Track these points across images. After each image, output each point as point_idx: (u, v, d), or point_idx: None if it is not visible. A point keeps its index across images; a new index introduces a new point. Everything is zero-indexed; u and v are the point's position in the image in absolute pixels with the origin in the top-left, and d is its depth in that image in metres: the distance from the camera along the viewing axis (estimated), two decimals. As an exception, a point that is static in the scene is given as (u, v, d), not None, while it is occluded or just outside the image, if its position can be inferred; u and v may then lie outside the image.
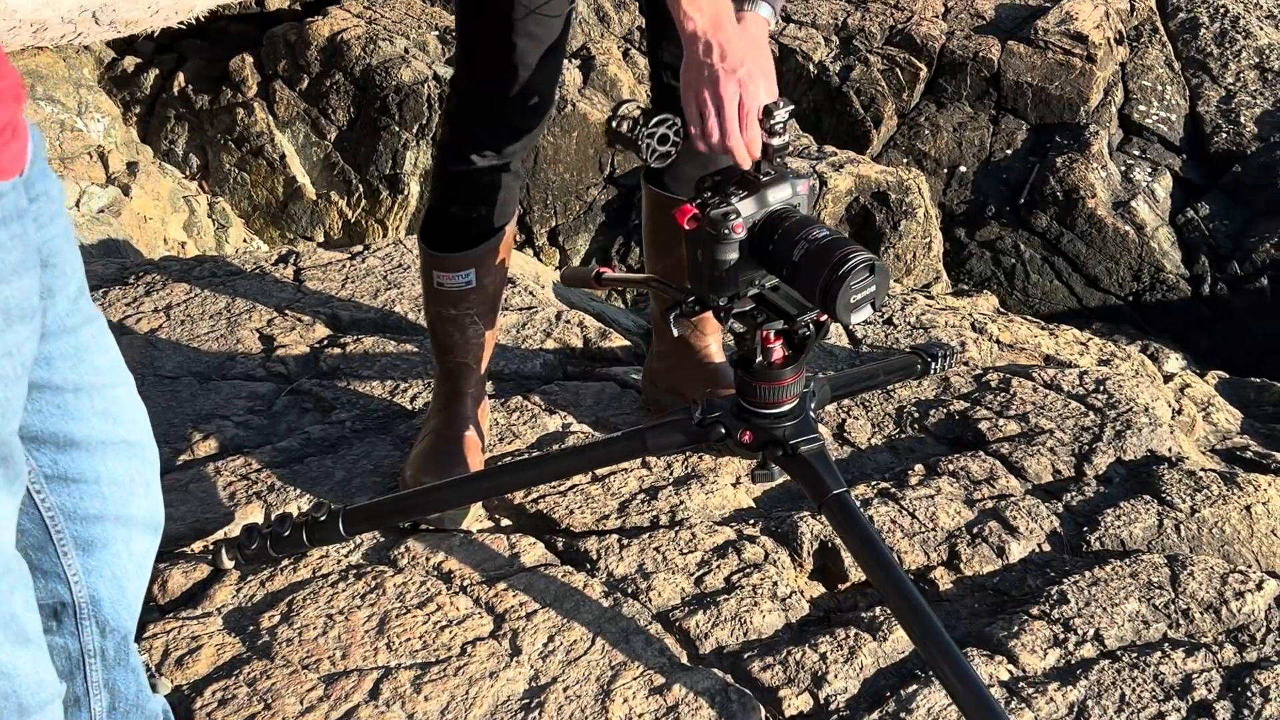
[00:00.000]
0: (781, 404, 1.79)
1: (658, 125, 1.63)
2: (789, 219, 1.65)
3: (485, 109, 1.98)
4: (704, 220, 1.65)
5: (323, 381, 2.53)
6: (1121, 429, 2.35)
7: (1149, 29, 5.97)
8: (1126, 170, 5.32)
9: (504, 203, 2.07)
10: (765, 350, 1.76)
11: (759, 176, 1.67)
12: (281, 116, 5.34)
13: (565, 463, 2.03)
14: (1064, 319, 4.96)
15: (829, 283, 1.57)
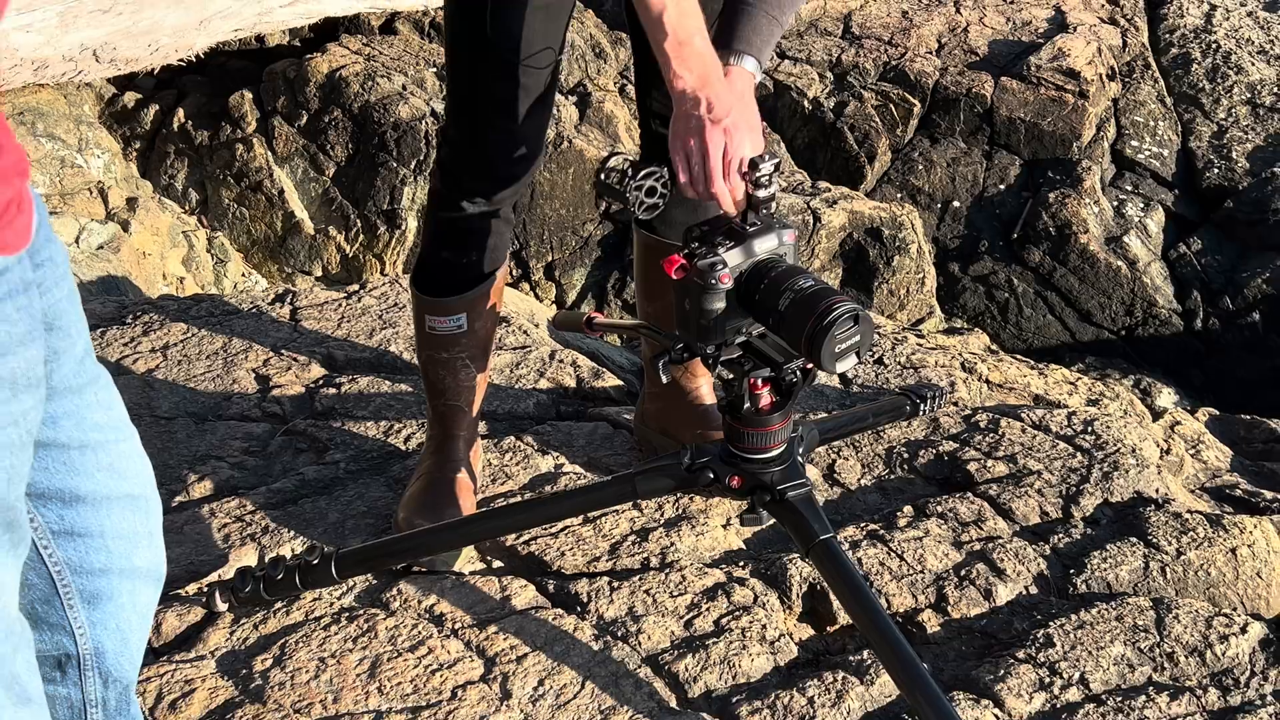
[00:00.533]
0: (769, 450, 1.81)
1: (645, 178, 1.66)
2: (775, 269, 1.68)
3: (475, 158, 2.01)
4: (691, 270, 1.67)
5: (317, 422, 2.55)
6: (1109, 470, 2.37)
7: (1141, 65, 6.01)
8: (1119, 205, 5.35)
9: (495, 248, 2.10)
10: (753, 397, 1.78)
11: (745, 227, 1.69)
12: (280, 152, 5.38)
13: (556, 507, 2.04)
14: (1057, 353, 4.99)
15: (814, 332, 1.60)
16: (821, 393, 2.72)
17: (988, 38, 5.98)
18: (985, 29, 6.06)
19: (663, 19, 1.67)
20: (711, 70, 1.71)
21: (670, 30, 1.67)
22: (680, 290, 1.70)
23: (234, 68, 5.83)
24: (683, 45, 1.69)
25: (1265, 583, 2.12)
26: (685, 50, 1.69)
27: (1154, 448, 2.62)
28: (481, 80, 1.94)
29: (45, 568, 1.24)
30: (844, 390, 2.75)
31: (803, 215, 4.65)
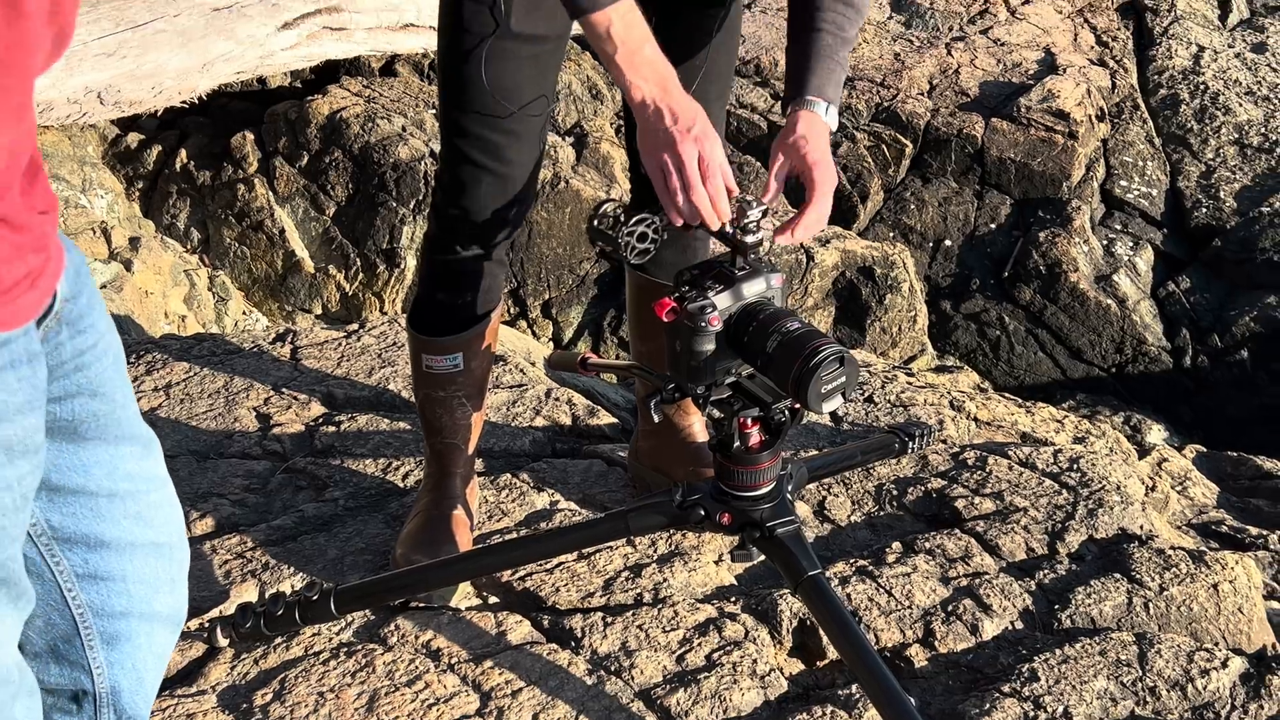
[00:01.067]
0: (759, 487, 1.85)
1: (637, 224, 1.70)
2: (763, 311, 1.72)
3: (469, 205, 2.05)
4: (682, 313, 1.71)
5: (317, 460, 2.58)
6: (1094, 507, 2.40)
7: (1130, 106, 6.09)
8: (1108, 244, 5.41)
9: (489, 289, 2.14)
10: (742, 435, 1.82)
11: (735, 271, 1.74)
12: (281, 192, 5.44)
13: (551, 543, 2.08)
14: (1048, 390, 5.03)
15: (801, 374, 1.64)
16: (812, 430, 2.76)
17: (979, 79, 6.05)
18: (976, 70, 6.15)
19: (610, 32, 1.68)
20: (668, 77, 1.72)
21: (618, 42, 1.69)
22: (671, 332, 1.74)
23: (236, 109, 5.90)
24: (634, 54, 1.70)
25: (1246, 618, 2.15)
26: (637, 59, 1.71)
27: (1139, 485, 2.65)
28: (474, 129, 1.99)
29: (69, 609, 1.28)
30: (834, 428, 2.79)
31: (796, 254, 4.71)
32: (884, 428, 2.70)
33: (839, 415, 2.76)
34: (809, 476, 2.15)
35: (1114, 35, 6.76)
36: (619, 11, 1.68)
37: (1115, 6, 7.12)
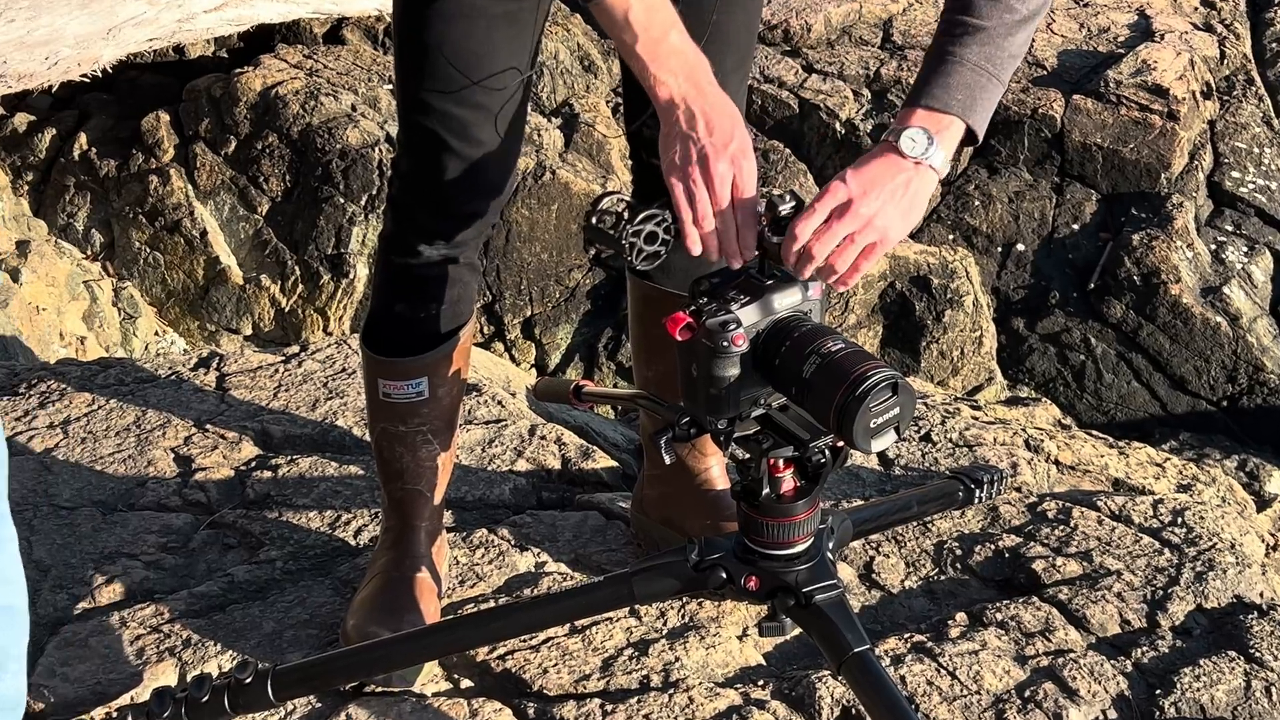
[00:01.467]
0: (793, 544, 1.86)
1: (644, 221, 1.72)
2: (798, 329, 1.73)
3: (430, 193, 2.06)
4: (699, 330, 1.73)
5: (249, 512, 2.60)
6: (1203, 570, 2.42)
7: (1243, 80, 6.13)
8: (1217, 249, 5.44)
9: (459, 300, 2.16)
10: (773, 481, 1.83)
11: (763, 279, 1.75)
12: (203, 186, 5.47)
13: (537, 613, 2.09)
14: (1144, 428, 5.05)
15: (845, 404, 1.65)
16: (857, 476, 2.77)
17: (1057, 47, 6.09)
18: (1054, 37, 6.19)
19: (629, 18, 1.70)
20: (699, 70, 1.74)
21: (640, 29, 1.71)
22: (686, 354, 1.75)
23: (148, 84, 5.94)
24: (658, 43, 1.72)
25: (1391, 705, 2.16)
26: (662, 49, 1.72)
27: (1258, 543, 2.67)
28: (434, 103, 2.00)
29: None
30: (884, 473, 2.80)
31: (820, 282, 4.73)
32: (945, 473, 2.71)
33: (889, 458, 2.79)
34: (854, 531, 2.16)
35: (1222, -7, 6.81)
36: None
37: (1224, -41, 7.18)
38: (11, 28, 4.72)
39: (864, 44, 6.12)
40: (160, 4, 5.04)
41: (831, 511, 2.04)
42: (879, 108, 5.74)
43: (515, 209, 5.07)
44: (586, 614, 2.15)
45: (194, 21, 5.23)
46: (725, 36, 2.09)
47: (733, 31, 2.11)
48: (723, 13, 2.08)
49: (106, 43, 5.02)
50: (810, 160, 5.66)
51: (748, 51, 2.20)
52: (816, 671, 2.15)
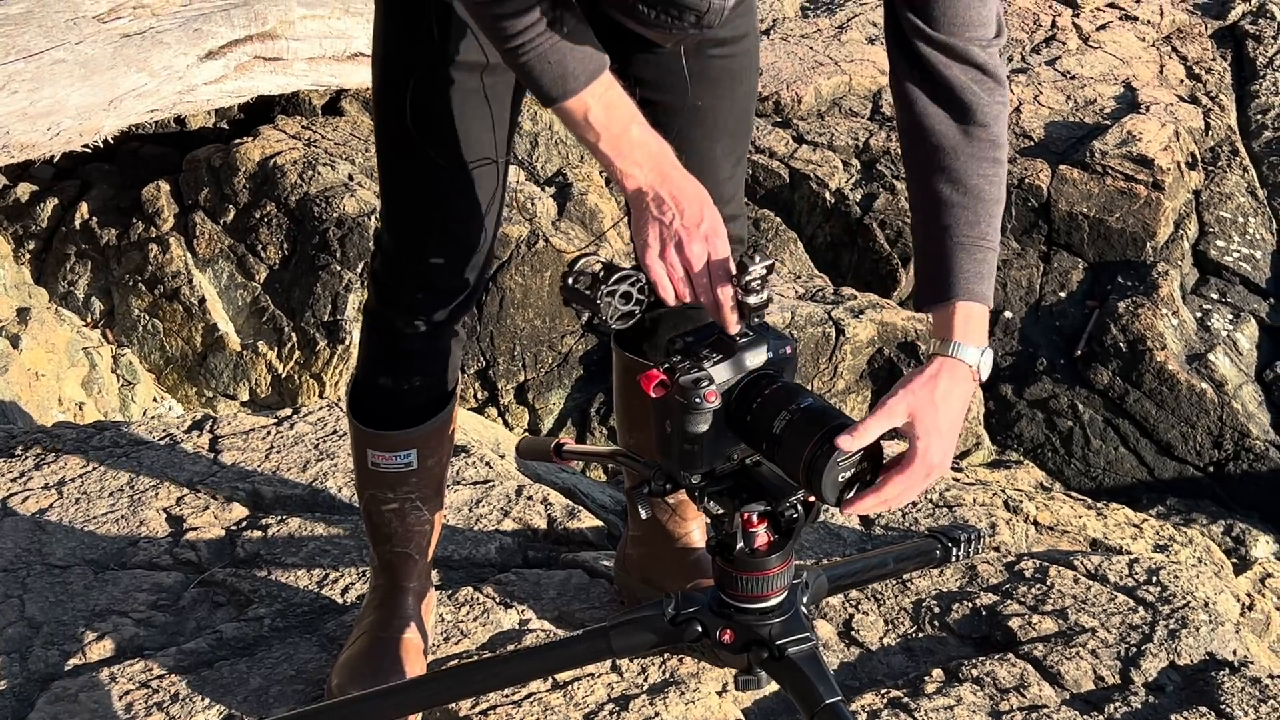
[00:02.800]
0: (767, 598, 1.90)
1: (619, 282, 1.76)
2: (770, 386, 1.77)
3: (412, 270, 2.08)
4: (673, 387, 1.77)
5: (239, 571, 2.63)
6: (1176, 628, 2.45)
7: (1228, 151, 6.21)
8: (1203, 317, 5.49)
9: (443, 372, 2.19)
10: (747, 535, 1.87)
11: (735, 338, 1.79)
12: (202, 254, 5.53)
13: (518, 667, 2.12)
14: (1131, 493, 5.08)
15: (814, 458, 1.69)
16: (838, 535, 2.81)
17: (1044, 119, 6.17)
18: (1041, 108, 6.27)
19: (589, 119, 1.74)
20: (663, 158, 1.78)
21: (601, 128, 1.75)
22: (661, 410, 1.79)
23: (148, 154, 6.01)
24: (619, 138, 1.75)
25: (1360, 759, 2.19)
26: (624, 143, 1.76)
27: (1233, 602, 2.70)
28: (417, 178, 2.03)
29: None
30: (865, 533, 2.84)
31: (823, 327, 4.79)
32: (923, 532, 2.74)
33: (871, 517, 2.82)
34: (830, 587, 2.19)
35: (1208, 67, 6.90)
36: (595, 94, 1.73)
37: (1210, 33, 7.28)
38: (14, 99, 4.79)
39: (853, 115, 6.20)
40: (161, 76, 5.11)
41: (806, 567, 2.08)
42: (868, 177, 5.81)
43: (509, 275, 5.13)
44: (566, 667, 2.18)
45: (194, 93, 5.30)
46: (713, 122, 2.11)
47: (720, 116, 2.11)
48: (709, 99, 2.08)
49: (108, 114, 5.09)
50: (800, 229, 5.72)
51: (741, 135, 2.19)
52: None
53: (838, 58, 6.56)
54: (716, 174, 2.08)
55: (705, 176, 1.90)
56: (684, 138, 1.99)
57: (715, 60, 2.06)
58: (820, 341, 4.75)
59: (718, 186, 2.02)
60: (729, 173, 2.15)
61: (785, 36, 6.83)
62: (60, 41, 4.89)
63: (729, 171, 2.15)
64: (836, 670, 2.38)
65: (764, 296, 1.79)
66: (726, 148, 2.14)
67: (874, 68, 6.48)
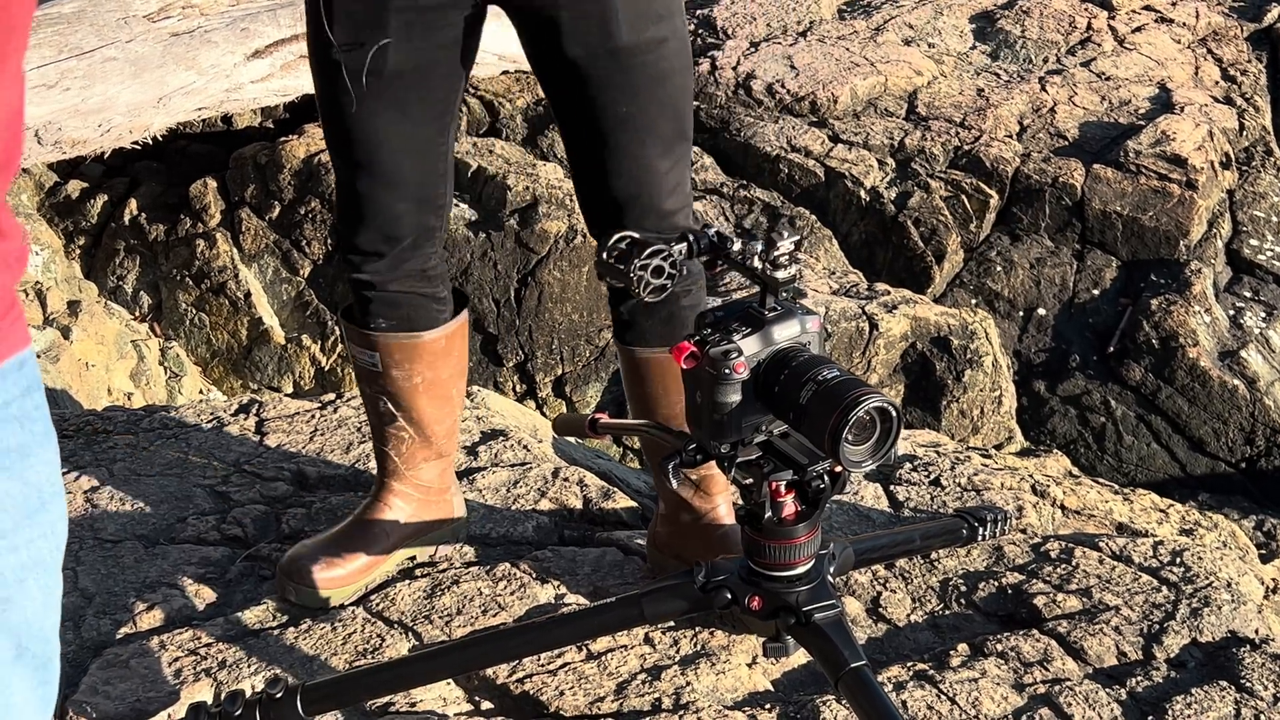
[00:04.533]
0: (794, 565, 1.95)
1: (651, 256, 1.82)
2: (797, 358, 1.83)
3: (356, 206, 2.31)
4: (703, 359, 1.82)
5: (284, 546, 2.69)
6: (1199, 606, 2.49)
7: (1262, 150, 6.21)
8: (1235, 315, 5.50)
9: (409, 319, 2.40)
10: (775, 505, 1.92)
11: (764, 312, 1.85)
12: (248, 249, 5.61)
13: (554, 633, 2.17)
14: (1163, 488, 5.09)
15: (838, 427, 1.74)
16: (868, 517, 2.85)
17: (1078, 119, 6.19)
18: (1075, 109, 6.29)
19: None
20: None
21: None
22: (691, 382, 1.85)
23: (196, 152, 6.11)
24: None
25: (1377, 733, 2.22)
26: None
27: (1256, 584, 2.73)
28: (341, 104, 2.22)
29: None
30: (894, 514, 2.88)
31: (857, 322, 4.83)
32: (950, 513, 2.79)
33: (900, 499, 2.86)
34: (856, 560, 2.24)
35: (1243, 69, 6.90)
36: None
37: (1246, 35, 7.28)
38: (66, 96, 4.89)
39: (889, 115, 6.24)
40: (209, 74, 5.21)
41: (834, 538, 2.13)
42: (903, 176, 5.85)
43: (547, 270, 5.20)
44: (599, 634, 2.23)
45: (241, 91, 5.39)
46: (641, 125, 2.22)
47: (648, 119, 2.23)
48: (633, 105, 2.20)
49: (157, 111, 5.19)
50: (836, 227, 5.76)
51: (674, 135, 2.28)
52: (822, 696, 2.22)
53: (874, 59, 6.60)
54: (652, 174, 2.24)
55: (641, 178, 2.19)
56: (615, 143, 2.20)
57: (635, 67, 2.18)
58: (854, 336, 4.79)
59: (655, 184, 2.23)
60: (666, 169, 2.27)
61: (822, 38, 6.87)
62: (111, 40, 4.99)
63: (666, 168, 2.27)
64: (864, 645, 2.43)
65: (792, 271, 1.84)
66: (659, 149, 2.26)
67: (909, 69, 6.51)
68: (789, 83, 6.37)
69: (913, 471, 3.06)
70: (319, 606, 2.49)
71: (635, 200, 2.26)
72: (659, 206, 2.26)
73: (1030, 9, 7.18)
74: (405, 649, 2.37)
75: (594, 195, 2.31)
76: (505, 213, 5.34)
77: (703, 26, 7.04)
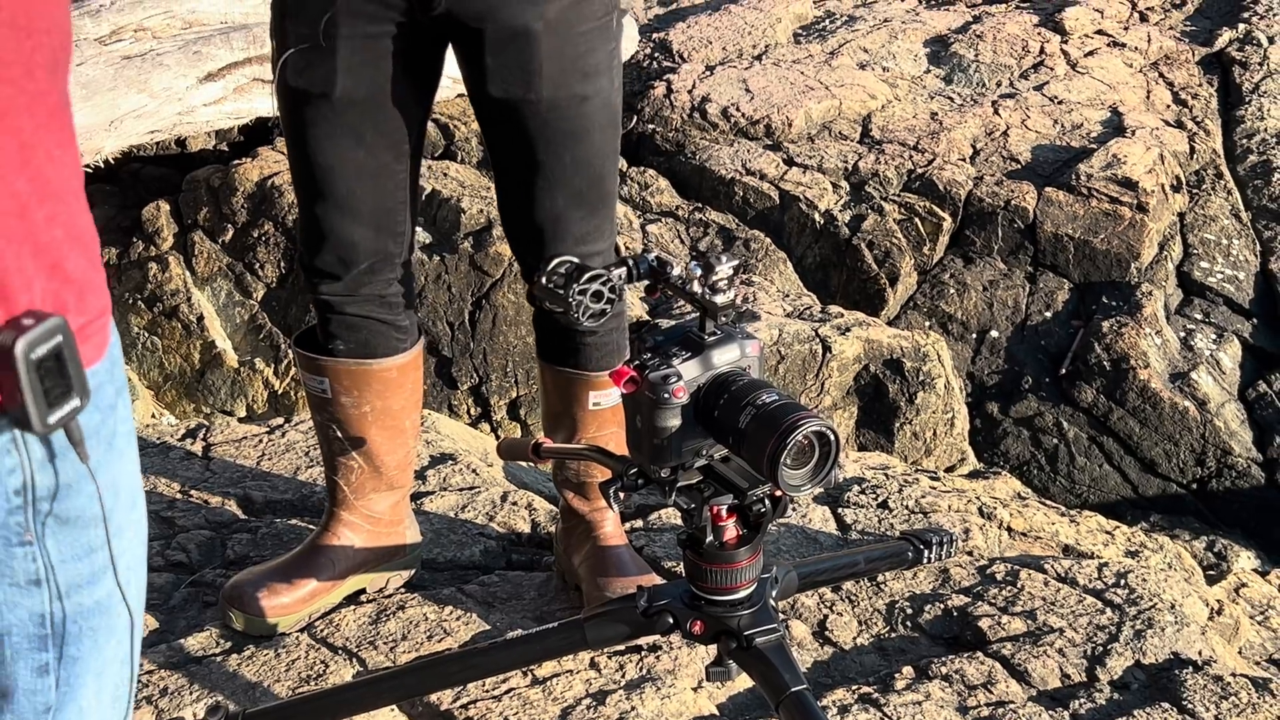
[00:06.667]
0: (736, 590, 1.95)
1: (590, 281, 1.83)
2: (736, 382, 1.83)
3: (313, 228, 2.34)
4: (643, 384, 1.83)
5: (229, 572, 2.68)
6: (1142, 628, 2.50)
7: (1212, 174, 6.27)
8: (1186, 336, 5.54)
9: (366, 344, 2.41)
10: (716, 529, 1.92)
11: (704, 336, 1.85)
12: (201, 272, 5.59)
13: (497, 658, 2.17)
14: (1116, 509, 5.12)
15: (776, 451, 1.75)
16: (815, 539, 2.86)
17: (1031, 142, 6.24)
18: (1028, 132, 6.33)
19: None
20: None
21: None
22: (631, 406, 1.85)
23: (149, 175, 6.08)
24: None
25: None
26: None
27: (1200, 606, 2.74)
28: (302, 121, 2.26)
29: None
30: (841, 536, 2.89)
31: (810, 344, 4.84)
32: (897, 535, 2.80)
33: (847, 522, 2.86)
34: (799, 583, 2.25)
35: (1194, 92, 6.97)
36: None
37: (1197, 59, 7.35)
38: (17, 118, 4.85)
39: (843, 138, 6.27)
40: (161, 97, 5.18)
41: (777, 562, 2.13)
42: (857, 199, 5.88)
43: (501, 293, 5.19)
44: (542, 659, 2.23)
45: (194, 114, 5.37)
46: (553, 175, 2.28)
47: (560, 170, 2.28)
48: (549, 155, 2.26)
49: (108, 134, 5.16)
50: (790, 249, 5.77)
51: (588, 188, 2.33)
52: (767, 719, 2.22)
53: (828, 82, 6.63)
54: (561, 222, 2.31)
55: (549, 221, 2.28)
56: (528, 186, 2.28)
57: (553, 121, 2.23)
58: (807, 358, 4.80)
59: (563, 230, 2.30)
60: (577, 218, 2.32)
61: (777, 62, 6.90)
62: (62, 62, 4.95)
63: (577, 218, 2.32)
64: (810, 669, 2.43)
65: (730, 295, 1.84)
66: (570, 200, 2.31)
67: (864, 92, 6.55)
68: (744, 106, 6.39)
69: (861, 494, 3.07)
70: (265, 634, 2.47)
71: (544, 237, 2.32)
72: (566, 250, 2.28)
73: (984, 33, 7.24)
74: (349, 675, 2.36)
75: (510, 224, 2.39)
76: (459, 235, 5.33)
77: (659, 50, 7.06)
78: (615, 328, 2.42)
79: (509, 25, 2.16)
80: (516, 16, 2.15)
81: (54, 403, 1.03)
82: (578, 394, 2.44)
